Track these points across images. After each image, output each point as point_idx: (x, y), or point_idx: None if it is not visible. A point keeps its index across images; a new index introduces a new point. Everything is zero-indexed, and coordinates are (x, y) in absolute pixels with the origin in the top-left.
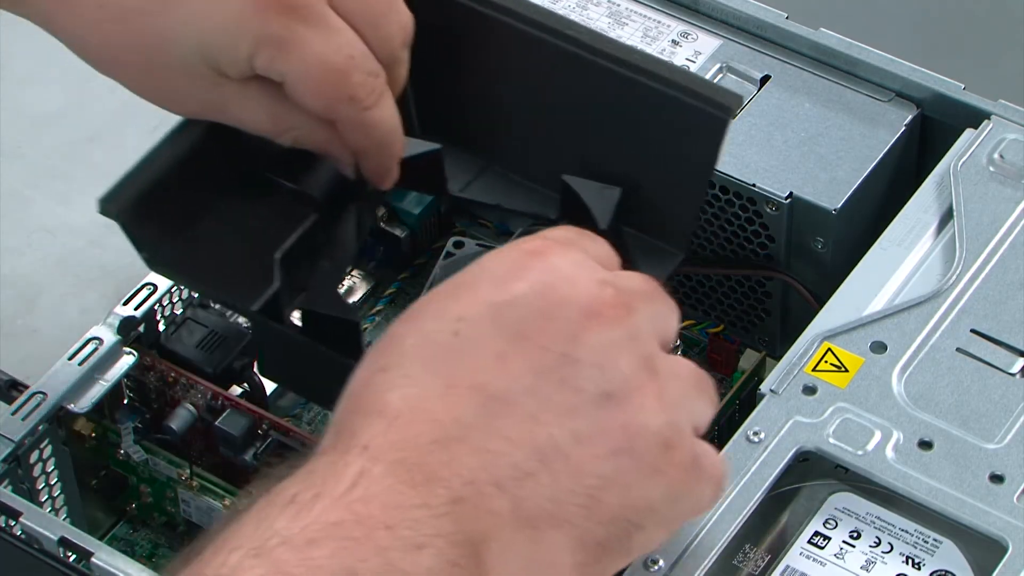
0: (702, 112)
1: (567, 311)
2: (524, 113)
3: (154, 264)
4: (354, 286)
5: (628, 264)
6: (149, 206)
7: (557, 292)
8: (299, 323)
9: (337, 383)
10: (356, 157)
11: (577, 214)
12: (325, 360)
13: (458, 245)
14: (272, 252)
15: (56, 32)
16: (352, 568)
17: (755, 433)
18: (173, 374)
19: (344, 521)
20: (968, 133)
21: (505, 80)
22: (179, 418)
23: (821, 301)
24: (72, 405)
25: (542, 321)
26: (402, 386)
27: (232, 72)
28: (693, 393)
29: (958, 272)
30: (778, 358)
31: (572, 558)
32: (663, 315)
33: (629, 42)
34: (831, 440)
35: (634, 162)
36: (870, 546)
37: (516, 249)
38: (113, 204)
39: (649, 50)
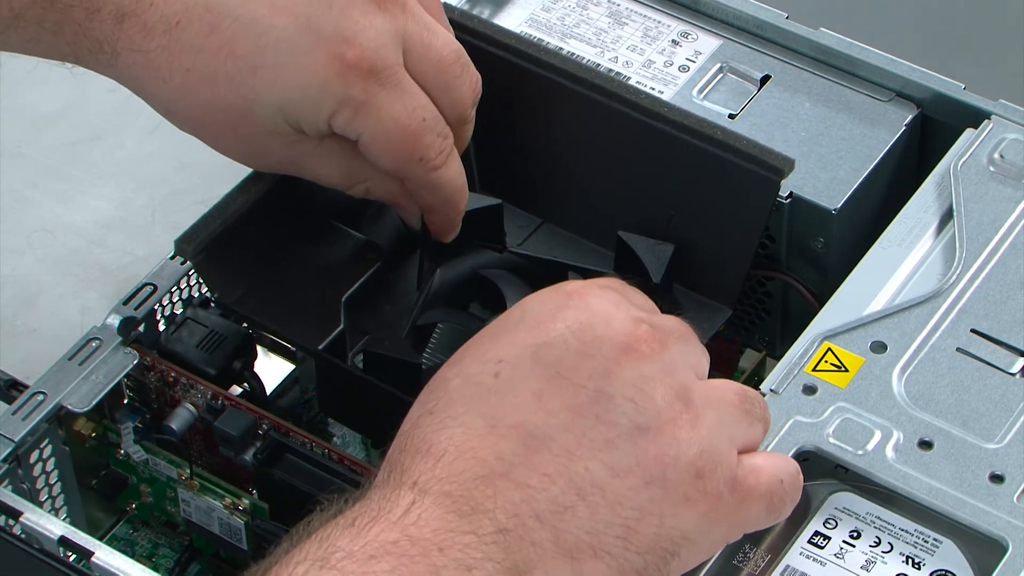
0: (754, 174)
1: (603, 348)
2: (581, 172)
3: (224, 303)
4: None
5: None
6: (221, 249)
7: (593, 330)
8: (361, 366)
9: (395, 423)
10: (423, 211)
11: (631, 269)
12: (385, 400)
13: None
14: (338, 296)
15: (145, 95)
16: None
17: None
18: (173, 374)
19: (400, 540)
20: (968, 133)
21: (563, 140)
22: (179, 418)
23: (821, 301)
24: (72, 405)
25: (578, 359)
26: (447, 427)
27: (311, 131)
28: (734, 415)
29: (958, 272)
30: (778, 358)
31: None
32: (696, 355)
33: (629, 42)
34: (831, 440)
35: (686, 221)
36: (870, 546)
37: (556, 291)
38: (188, 246)
39: (649, 50)
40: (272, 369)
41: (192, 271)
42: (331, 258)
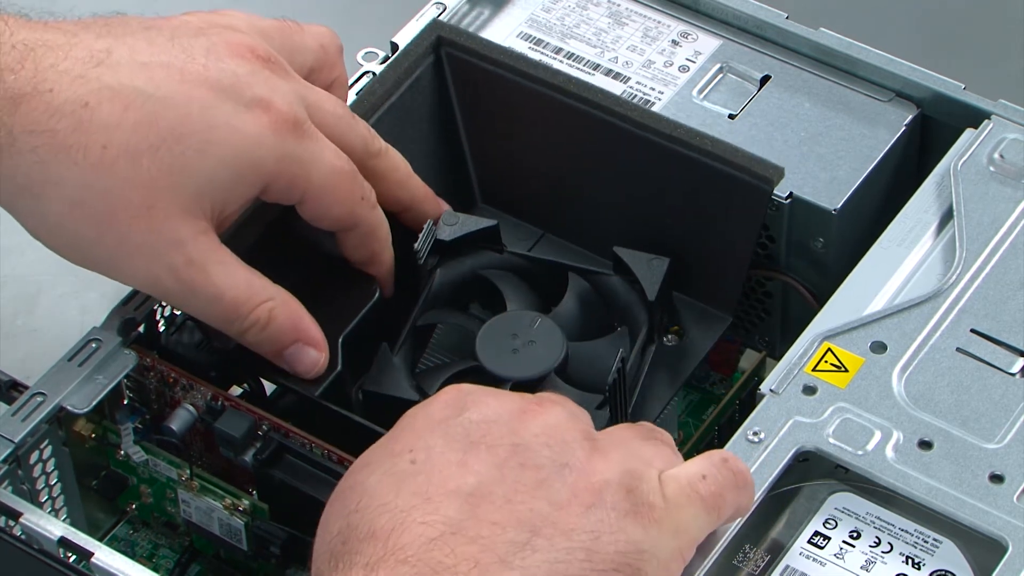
0: (745, 183)
1: (503, 415)
2: (578, 184)
3: (222, 351)
4: None
5: (679, 329)
6: None
7: (488, 405)
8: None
9: None
10: (364, 267)
11: (628, 282)
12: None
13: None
14: (334, 335)
15: (43, 183)
16: None
17: (755, 433)
18: (173, 375)
19: None
20: (968, 133)
21: (559, 152)
22: (179, 419)
23: (821, 301)
24: (72, 406)
25: (485, 426)
26: (384, 512)
27: (236, 202)
28: (638, 443)
29: (958, 272)
30: (778, 358)
31: None
32: (583, 416)
33: (629, 42)
34: (831, 440)
35: (682, 231)
36: (870, 546)
37: (435, 396)
38: None
39: (649, 50)
40: None
41: None
42: (326, 295)
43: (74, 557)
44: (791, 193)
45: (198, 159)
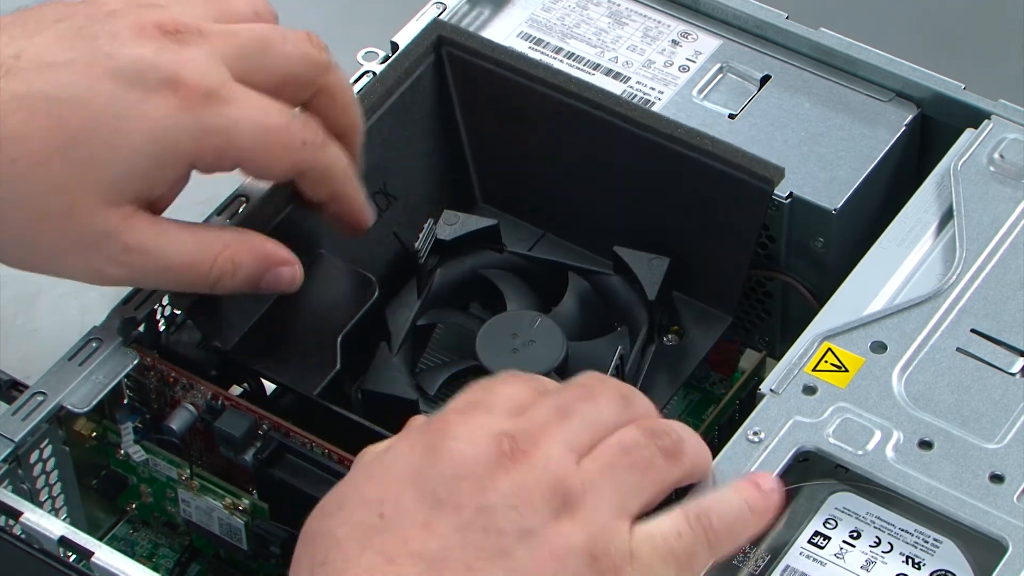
0: (745, 183)
1: (474, 469)
2: (578, 184)
3: (226, 352)
4: None
5: (679, 329)
6: (215, 298)
7: (461, 454)
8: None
9: None
10: (329, 208)
11: (628, 282)
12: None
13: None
14: (333, 334)
15: None
16: None
17: (755, 433)
18: (173, 374)
19: None
20: (968, 133)
21: (559, 152)
22: (179, 418)
23: (821, 301)
24: (72, 405)
25: (454, 483)
26: (348, 569)
27: (162, 184)
28: (619, 481)
29: (958, 272)
30: (778, 358)
31: None
32: (577, 427)
33: (629, 42)
34: (831, 440)
35: (682, 231)
36: (870, 546)
37: (417, 430)
38: (182, 299)
39: (649, 50)
40: None
41: None
42: (326, 294)
43: (74, 556)
44: (791, 193)
45: (111, 153)
